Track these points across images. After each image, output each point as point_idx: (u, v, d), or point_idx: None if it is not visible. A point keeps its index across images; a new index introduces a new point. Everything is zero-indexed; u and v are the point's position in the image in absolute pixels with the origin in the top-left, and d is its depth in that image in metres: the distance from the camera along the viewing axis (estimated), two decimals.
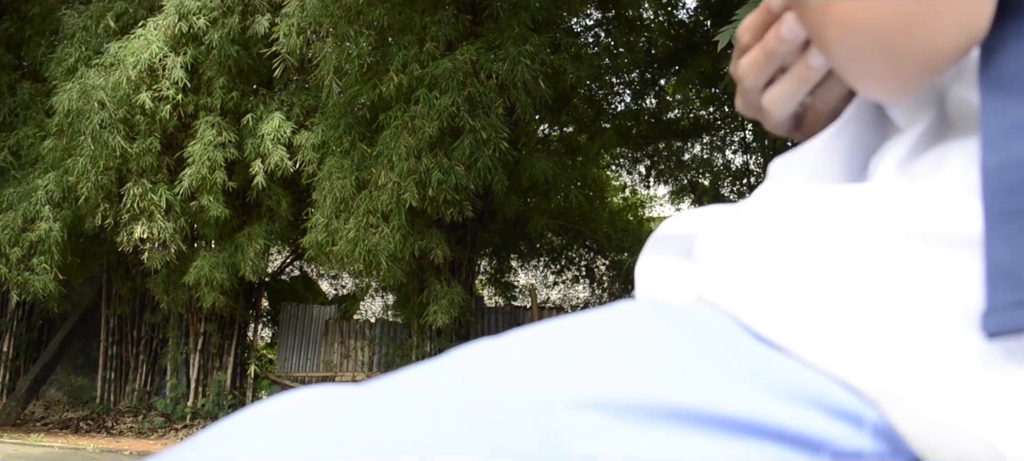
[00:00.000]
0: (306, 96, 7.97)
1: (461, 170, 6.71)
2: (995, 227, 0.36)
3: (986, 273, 0.35)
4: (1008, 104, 0.39)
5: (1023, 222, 0.36)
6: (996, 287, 0.35)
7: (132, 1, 8.55)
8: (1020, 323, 0.34)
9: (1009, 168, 0.37)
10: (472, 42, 7.08)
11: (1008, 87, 0.39)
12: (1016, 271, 0.35)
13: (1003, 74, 0.40)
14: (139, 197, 7.65)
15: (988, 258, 0.36)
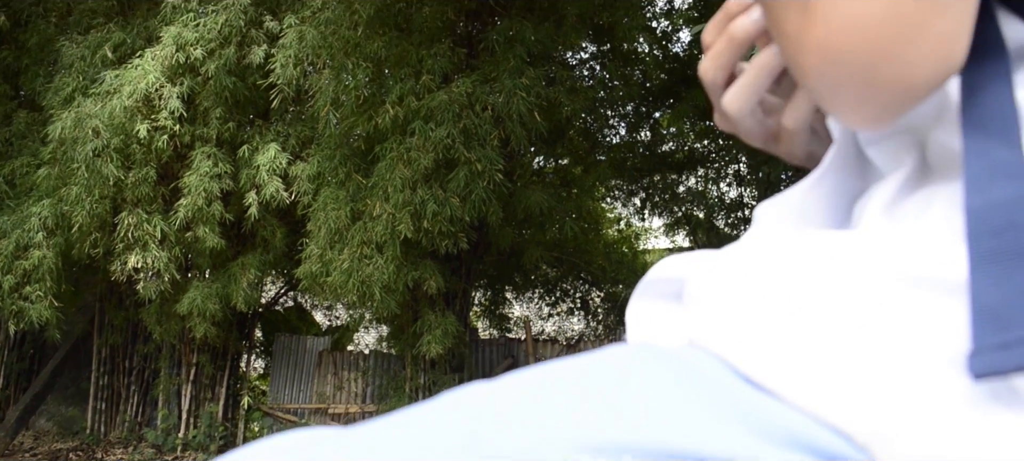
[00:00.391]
0: (302, 127, 8.00)
1: (456, 202, 6.71)
2: (980, 268, 0.36)
3: (972, 314, 0.36)
4: (990, 145, 0.39)
5: (1008, 263, 0.36)
6: (982, 328, 0.35)
7: (130, 31, 8.60)
8: (1006, 364, 0.34)
9: (992, 210, 0.37)
10: (468, 75, 7.13)
11: (990, 128, 0.40)
12: (1002, 312, 0.35)
13: (984, 115, 0.40)
14: (134, 227, 7.63)
15: (974, 299, 0.36)
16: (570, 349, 10.24)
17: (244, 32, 7.79)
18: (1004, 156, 0.39)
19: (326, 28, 7.25)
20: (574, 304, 12.10)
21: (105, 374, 9.98)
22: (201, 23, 7.72)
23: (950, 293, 0.37)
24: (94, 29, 8.66)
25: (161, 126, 7.59)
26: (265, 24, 7.89)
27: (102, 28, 8.64)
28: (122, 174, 7.62)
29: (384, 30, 7.18)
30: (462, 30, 7.94)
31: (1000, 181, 0.38)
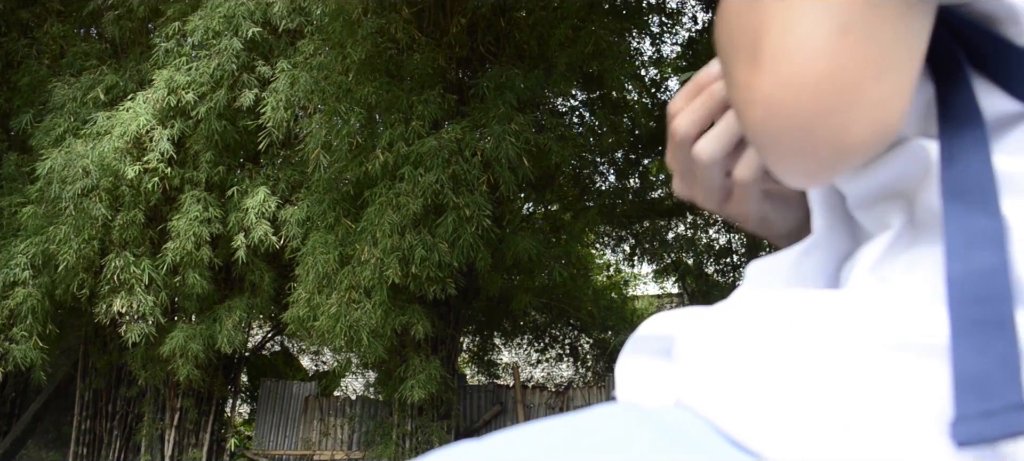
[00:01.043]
0: (292, 171, 8.02)
1: (444, 247, 6.71)
2: (962, 337, 0.37)
3: (954, 382, 0.36)
4: (970, 212, 0.40)
5: (988, 332, 0.36)
6: (964, 397, 0.36)
7: (122, 74, 8.65)
8: (988, 433, 0.34)
9: (973, 278, 0.38)
10: (458, 121, 7.18)
11: (968, 196, 0.40)
12: (984, 381, 0.35)
13: (964, 182, 0.41)
14: (120, 269, 7.59)
15: (955, 367, 0.36)
16: (559, 396, 10.17)
17: (236, 76, 7.84)
18: (983, 224, 0.39)
19: (318, 73, 7.31)
20: (563, 350, 12.05)
21: (87, 418, 9.84)
22: (193, 67, 7.77)
23: (934, 358, 0.38)
24: (87, 71, 8.71)
25: (151, 168, 7.60)
26: (257, 69, 7.94)
27: (95, 70, 8.69)
28: (110, 214, 7.60)
29: (375, 76, 7.24)
30: (453, 76, 8.01)
31: (979, 249, 0.38)
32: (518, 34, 7.92)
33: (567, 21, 7.71)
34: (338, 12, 7.06)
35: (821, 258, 0.54)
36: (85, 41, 9.39)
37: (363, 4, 7.06)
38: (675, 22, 10.09)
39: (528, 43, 7.95)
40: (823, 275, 0.54)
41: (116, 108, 7.85)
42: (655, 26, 9.90)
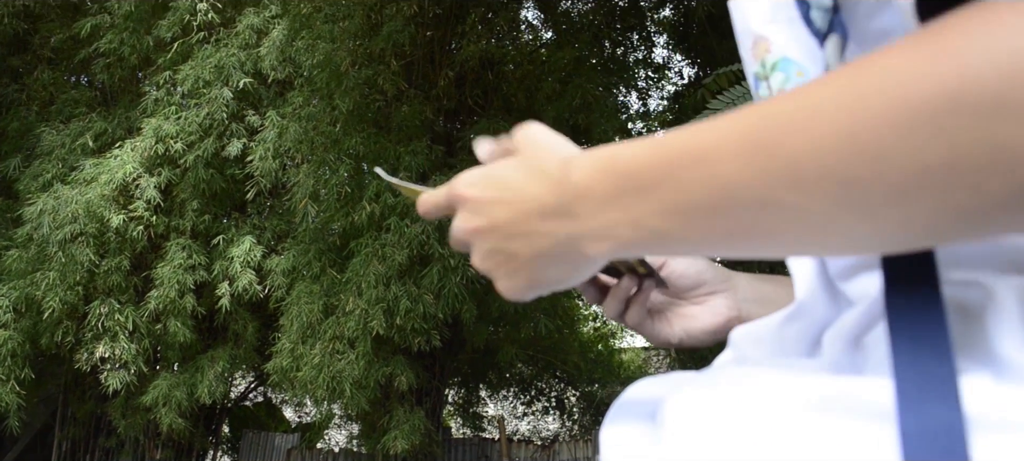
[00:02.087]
0: (278, 221, 8.02)
1: (429, 298, 6.69)
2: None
3: None
4: (921, 355, 0.39)
5: None
6: None
7: (111, 122, 8.67)
8: None
9: (927, 438, 0.37)
10: (445, 172, 7.21)
11: (920, 335, 0.40)
12: None
13: (915, 321, 0.41)
14: (105, 316, 7.54)
15: None
16: (545, 450, 10.06)
17: (226, 126, 7.87)
18: (936, 371, 0.39)
19: (307, 123, 7.35)
20: (549, 403, 11.96)
21: None
22: (182, 116, 7.80)
23: None
24: (76, 118, 8.74)
25: (137, 216, 7.58)
26: (247, 118, 7.98)
27: (84, 118, 8.72)
28: (96, 260, 7.56)
29: (363, 127, 7.29)
30: (440, 128, 8.06)
31: (933, 403, 0.38)
32: (506, 87, 8.01)
33: (554, 75, 7.81)
34: (326, 62, 7.13)
35: (803, 326, 0.55)
36: (75, 88, 9.44)
37: (352, 56, 7.13)
38: (661, 76, 10.23)
39: (515, 96, 8.04)
40: (805, 342, 0.54)
41: (104, 155, 7.86)
42: (641, 80, 10.02)
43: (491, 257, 0.55)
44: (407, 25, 7.10)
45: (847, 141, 0.35)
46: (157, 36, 8.17)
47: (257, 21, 7.73)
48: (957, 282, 0.44)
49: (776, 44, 0.58)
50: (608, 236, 0.47)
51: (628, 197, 0.45)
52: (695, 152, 0.42)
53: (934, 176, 0.34)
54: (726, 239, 0.43)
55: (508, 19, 8.53)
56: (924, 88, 0.33)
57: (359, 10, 7.24)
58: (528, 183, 0.52)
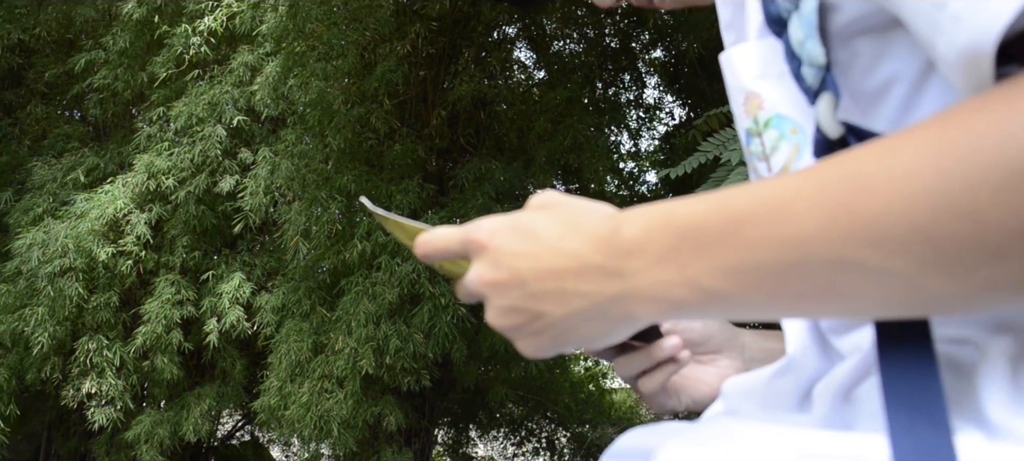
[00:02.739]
0: (268, 258, 7.99)
1: (419, 337, 6.67)
2: None
3: None
4: (917, 423, 0.40)
5: None
6: None
7: (104, 156, 8.66)
8: None
9: None
10: (437, 211, 7.22)
11: (916, 403, 0.40)
12: None
13: (910, 390, 0.41)
14: (93, 352, 7.48)
15: None
16: None
17: (218, 162, 7.87)
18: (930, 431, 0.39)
19: (300, 160, 7.36)
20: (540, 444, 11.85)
21: None
22: (175, 152, 7.80)
23: None
24: (68, 153, 8.73)
25: (126, 251, 7.55)
26: (239, 155, 7.99)
27: (76, 152, 8.71)
28: (86, 294, 7.52)
29: (355, 164, 7.30)
30: (432, 167, 8.09)
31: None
32: (498, 127, 8.05)
33: (546, 114, 7.85)
34: (319, 100, 7.16)
35: (794, 380, 0.55)
36: (68, 123, 9.45)
37: (345, 94, 7.17)
38: (652, 117, 10.30)
39: (508, 136, 8.08)
40: (796, 396, 0.54)
41: (95, 190, 7.84)
42: (633, 121, 10.09)
43: (512, 314, 0.53)
44: (400, 64, 7.15)
45: (941, 200, 0.35)
46: (151, 72, 8.20)
47: (251, 58, 7.77)
48: (949, 339, 0.44)
49: (768, 100, 0.59)
50: (660, 297, 0.46)
51: (685, 255, 0.44)
52: (765, 209, 0.41)
53: None
54: (796, 300, 0.42)
55: (501, 59, 8.61)
56: (1021, 149, 0.34)
57: (353, 49, 7.29)
58: (565, 238, 0.50)
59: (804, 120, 0.57)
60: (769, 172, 0.59)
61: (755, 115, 0.60)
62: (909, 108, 0.50)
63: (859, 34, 0.52)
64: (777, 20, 0.57)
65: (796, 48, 0.53)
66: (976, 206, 0.34)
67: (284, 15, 7.06)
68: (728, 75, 0.64)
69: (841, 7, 0.51)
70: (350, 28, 7.29)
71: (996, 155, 0.34)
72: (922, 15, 0.41)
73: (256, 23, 7.49)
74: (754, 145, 0.60)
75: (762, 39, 0.60)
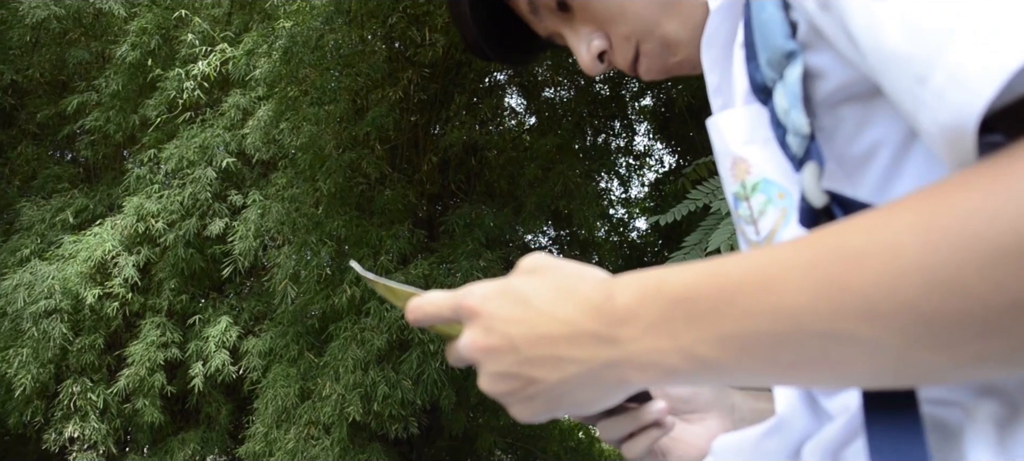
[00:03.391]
0: (256, 302, 7.95)
1: (408, 384, 6.62)
2: None
3: None
4: None
5: None
6: None
7: (93, 198, 8.64)
8: None
9: None
10: (426, 257, 7.21)
11: None
12: None
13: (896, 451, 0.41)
14: (77, 395, 7.39)
15: None
16: None
17: (208, 205, 7.86)
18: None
19: (290, 204, 7.36)
20: None
21: None
22: (165, 195, 7.79)
23: None
24: (58, 194, 8.71)
25: (113, 293, 7.49)
26: (229, 198, 7.98)
27: (66, 194, 8.69)
28: (71, 336, 7.45)
29: (345, 209, 7.30)
30: (423, 212, 8.09)
31: None
32: (488, 173, 8.08)
33: (537, 161, 7.89)
34: (310, 145, 7.19)
35: (783, 439, 0.55)
36: (58, 164, 9.44)
37: (336, 139, 7.20)
38: (642, 164, 10.37)
39: (498, 181, 8.11)
40: (785, 456, 0.55)
41: (83, 232, 7.81)
42: (623, 167, 10.15)
43: (505, 380, 0.52)
44: (392, 110, 7.19)
45: (929, 277, 0.36)
46: (143, 115, 8.22)
47: (244, 101, 7.80)
48: (935, 400, 0.44)
49: (755, 165, 0.60)
50: (653, 364, 0.46)
51: (678, 324, 0.44)
52: (758, 280, 0.42)
53: (1018, 312, 0.34)
54: (787, 369, 0.42)
55: (492, 105, 8.67)
56: (1006, 226, 0.34)
57: (345, 94, 7.34)
58: (557, 304, 0.50)
59: (791, 185, 0.58)
60: (757, 235, 0.60)
61: (743, 180, 0.60)
62: (894, 173, 0.51)
63: (844, 101, 0.52)
64: (762, 88, 0.58)
65: (781, 117, 0.54)
66: (964, 283, 0.35)
67: (278, 61, 7.11)
68: (715, 140, 0.65)
69: (826, 75, 0.52)
70: (343, 74, 7.35)
71: (982, 233, 0.35)
72: (904, 91, 0.42)
73: (250, 68, 7.54)
74: (742, 209, 0.61)
75: (748, 105, 0.61)
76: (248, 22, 8.32)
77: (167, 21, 8.23)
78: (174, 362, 7.59)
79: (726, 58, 0.69)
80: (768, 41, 0.55)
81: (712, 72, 0.70)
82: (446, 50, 7.53)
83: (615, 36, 0.79)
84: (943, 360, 0.37)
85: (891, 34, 0.42)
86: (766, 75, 0.57)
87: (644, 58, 0.79)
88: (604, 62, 0.82)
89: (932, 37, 0.40)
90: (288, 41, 6.93)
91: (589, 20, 0.80)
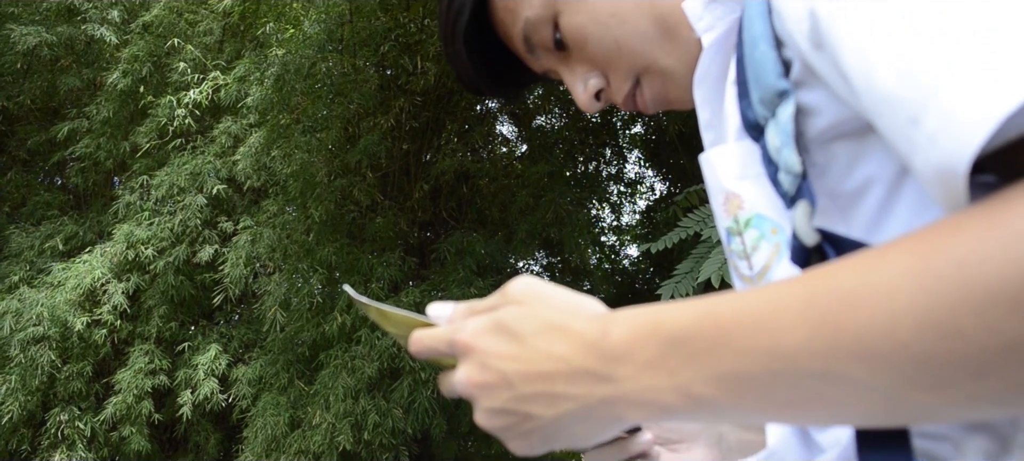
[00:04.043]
0: (246, 330, 7.90)
1: (399, 413, 6.58)
2: None
3: None
4: None
5: None
6: None
7: (83, 224, 8.60)
8: None
9: None
10: (418, 284, 7.19)
11: None
12: None
13: None
14: (64, 424, 7.31)
15: None
16: None
17: (198, 232, 7.83)
18: None
19: (281, 231, 7.34)
20: None
21: None
22: (155, 222, 7.76)
23: None
24: (47, 221, 8.66)
25: (102, 320, 7.44)
26: (220, 225, 7.95)
27: (55, 220, 8.64)
28: (59, 363, 7.38)
29: (337, 237, 7.29)
30: (414, 240, 8.09)
31: None
32: (480, 200, 8.09)
33: (528, 189, 7.90)
34: (302, 172, 7.18)
35: None
36: (48, 191, 9.39)
37: (327, 167, 7.20)
38: (634, 191, 10.40)
39: (490, 209, 8.11)
40: None
41: (73, 260, 7.76)
42: (614, 195, 10.18)
43: (501, 416, 0.52)
44: (384, 138, 7.20)
45: (923, 319, 0.36)
46: (134, 142, 8.21)
47: (235, 128, 7.80)
48: (927, 434, 0.45)
49: (748, 201, 0.60)
50: (649, 402, 0.46)
51: (674, 362, 0.44)
52: (752, 320, 0.42)
53: (1011, 354, 0.35)
54: (782, 408, 0.42)
55: (483, 133, 8.69)
56: (999, 270, 0.35)
57: (337, 122, 7.35)
58: (551, 341, 0.50)
59: (783, 220, 0.58)
60: (751, 270, 0.60)
61: (735, 215, 0.61)
62: (887, 209, 0.52)
63: (836, 138, 0.53)
64: (755, 126, 0.58)
65: (773, 154, 0.55)
66: (958, 326, 0.35)
67: (270, 88, 7.12)
68: (708, 175, 0.65)
69: (819, 113, 0.53)
70: (335, 101, 7.37)
71: (975, 277, 0.35)
72: (898, 131, 0.43)
73: (241, 94, 7.54)
74: (735, 244, 0.61)
75: (740, 141, 0.62)
76: (240, 49, 8.34)
77: (159, 49, 8.24)
78: (162, 390, 7.52)
79: (718, 94, 0.69)
80: (761, 80, 0.56)
81: (704, 108, 0.71)
82: (438, 78, 7.56)
83: (613, 73, 0.80)
84: (936, 401, 0.38)
85: (885, 75, 0.43)
86: (758, 113, 0.57)
87: (646, 90, 0.79)
88: (601, 100, 0.82)
89: (925, 79, 0.41)
90: (280, 69, 6.95)
91: (585, 59, 0.80)
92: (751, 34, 0.58)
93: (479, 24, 0.84)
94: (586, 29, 0.77)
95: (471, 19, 0.82)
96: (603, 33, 0.76)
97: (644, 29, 0.75)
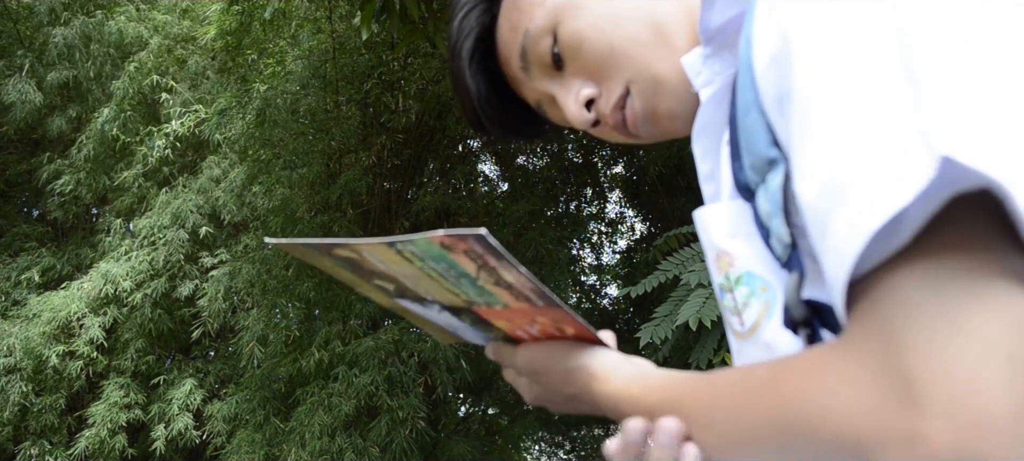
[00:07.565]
0: (223, 365, 7.84)
1: (376, 452, 6.52)
2: None
3: None
4: None
5: None
6: None
7: (61, 257, 8.54)
8: None
9: None
10: (396, 322, 7.17)
11: None
12: None
13: None
14: (34, 458, 7.20)
15: None
16: None
17: (179, 266, 7.79)
18: None
19: (261, 266, 7.32)
20: None
21: None
22: (134, 256, 7.71)
23: None
24: (25, 252, 8.60)
25: (78, 353, 7.36)
26: (200, 260, 7.92)
27: (33, 252, 8.58)
28: (33, 395, 7.28)
29: (315, 272, 7.27)
30: None
31: None
32: None
33: (509, 227, 7.93)
34: (282, 208, 7.18)
35: None
36: (26, 222, 9.33)
37: (308, 203, 7.21)
38: (614, 231, 10.45)
39: None
40: None
41: (49, 293, 7.70)
42: (595, 235, 10.22)
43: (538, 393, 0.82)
44: (365, 175, 7.23)
45: (749, 431, 0.54)
46: (115, 179, 8.18)
47: (217, 171, 7.80)
48: None
49: (739, 259, 0.62)
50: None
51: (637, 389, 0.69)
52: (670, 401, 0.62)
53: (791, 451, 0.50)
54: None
55: (465, 172, 8.74)
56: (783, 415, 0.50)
57: (318, 159, 7.37)
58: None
59: (774, 279, 0.60)
60: (742, 327, 0.63)
61: (726, 272, 0.63)
62: None
63: None
64: (746, 188, 0.61)
65: (764, 220, 0.58)
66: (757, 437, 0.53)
67: (251, 123, 7.14)
68: (701, 232, 0.68)
69: None
70: (316, 138, 7.39)
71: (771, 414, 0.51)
72: (815, 238, 0.48)
73: (224, 129, 7.55)
74: (727, 300, 0.63)
75: (734, 199, 0.64)
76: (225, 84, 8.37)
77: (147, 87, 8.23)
78: (136, 424, 7.43)
79: (716, 148, 0.72)
80: (752, 147, 0.59)
81: (704, 160, 0.73)
82: (420, 116, 7.61)
83: (605, 81, 0.82)
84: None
85: (809, 184, 0.48)
86: (750, 177, 0.60)
87: (636, 100, 0.80)
88: (592, 112, 0.84)
89: (831, 193, 0.45)
90: (262, 104, 6.98)
91: (580, 71, 0.82)
92: (744, 99, 0.60)
93: (485, 50, 0.88)
94: (582, 33, 0.80)
95: (476, 43, 0.85)
96: (598, 37, 0.79)
97: (639, 35, 0.78)
